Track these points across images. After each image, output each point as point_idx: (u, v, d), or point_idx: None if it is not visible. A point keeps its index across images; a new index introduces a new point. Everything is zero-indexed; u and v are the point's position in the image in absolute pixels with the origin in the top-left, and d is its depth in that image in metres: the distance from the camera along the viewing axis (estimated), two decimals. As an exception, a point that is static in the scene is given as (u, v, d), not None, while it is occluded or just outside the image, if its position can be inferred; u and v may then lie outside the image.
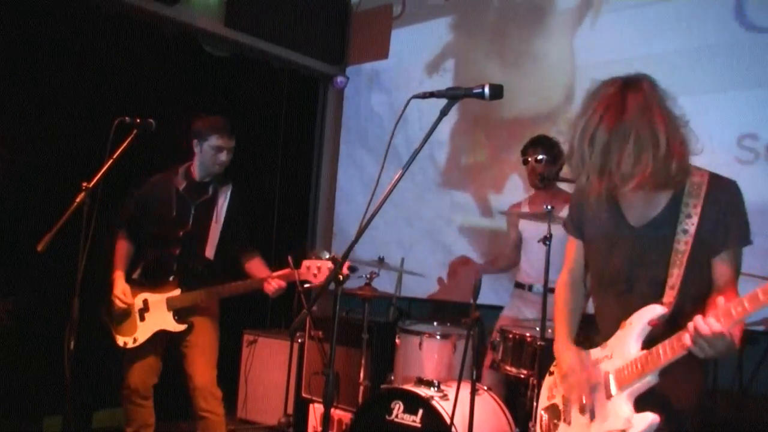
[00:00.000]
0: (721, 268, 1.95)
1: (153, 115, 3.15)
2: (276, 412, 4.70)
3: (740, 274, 1.98)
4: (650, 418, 1.84)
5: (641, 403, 1.91)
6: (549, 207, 3.35)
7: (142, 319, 3.44)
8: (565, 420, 2.14)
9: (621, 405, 1.91)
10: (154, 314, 3.43)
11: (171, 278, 3.43)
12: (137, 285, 3.49)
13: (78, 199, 2.82)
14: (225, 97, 5.43)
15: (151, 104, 4.55)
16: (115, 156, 2.98)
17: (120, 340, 3.45)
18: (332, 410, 3.49)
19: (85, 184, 2.85)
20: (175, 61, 5.09)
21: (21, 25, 4.26)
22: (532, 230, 3.86)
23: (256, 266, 3.53)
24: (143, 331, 3.43)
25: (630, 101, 1.81)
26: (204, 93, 5.21)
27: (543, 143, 3.88)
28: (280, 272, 3.32)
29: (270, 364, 4.91)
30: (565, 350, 2.18)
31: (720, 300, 1.71)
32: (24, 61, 4.29)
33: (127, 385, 3.47)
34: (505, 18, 5.25)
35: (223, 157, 3.48)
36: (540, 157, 3.85)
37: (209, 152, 3.45)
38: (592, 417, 2.00)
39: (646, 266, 2.01)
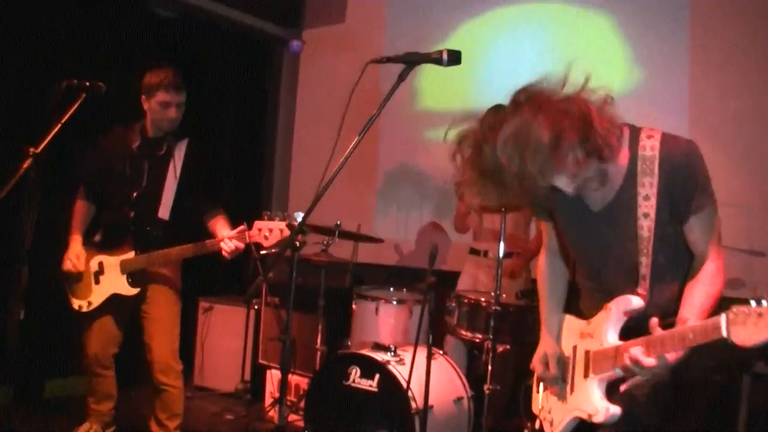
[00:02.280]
0: (692, 236, 1.86)
1: (101, 78, 3.05)
2: (233, 379, 4.71)
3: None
4: (612, 410, 1.83)
5: (612, 390, 1.88)
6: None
7: (97, 282, 3.36)
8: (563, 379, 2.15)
9: (593, 388, 1.90)
10: (108, 277, 3.35)
11: (126, 241, 3.32)
12: (95, 247, 3.41)
13: (24, 166, 2.74)
14: (174, 60, 5.27)
15: (99, 67, 4.41)
16: (63, 120, 2.89)
17: (75, 303, 3.39)
18: (289, 376, 3.50)
19: (32, 149, 2.77)
20: (123, 22, 4.93)
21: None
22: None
23: (220, 226, 3.34)
24: (98, 295, 3.35)
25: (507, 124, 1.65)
26: (153, 55, 5.05)
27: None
28: (233, 232, 3.15)
29: (226, 331, 4.88)
30: (542, 338, 2.19)
31: (658, 331, 1.66)
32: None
33: (86, 354, 3.40)
34: None
35: (172, 113, 3.32)
36: None
37: (157, 108, 3.31)
38: (572, 389, 2.03)
39: (614, 254, 1.94)
